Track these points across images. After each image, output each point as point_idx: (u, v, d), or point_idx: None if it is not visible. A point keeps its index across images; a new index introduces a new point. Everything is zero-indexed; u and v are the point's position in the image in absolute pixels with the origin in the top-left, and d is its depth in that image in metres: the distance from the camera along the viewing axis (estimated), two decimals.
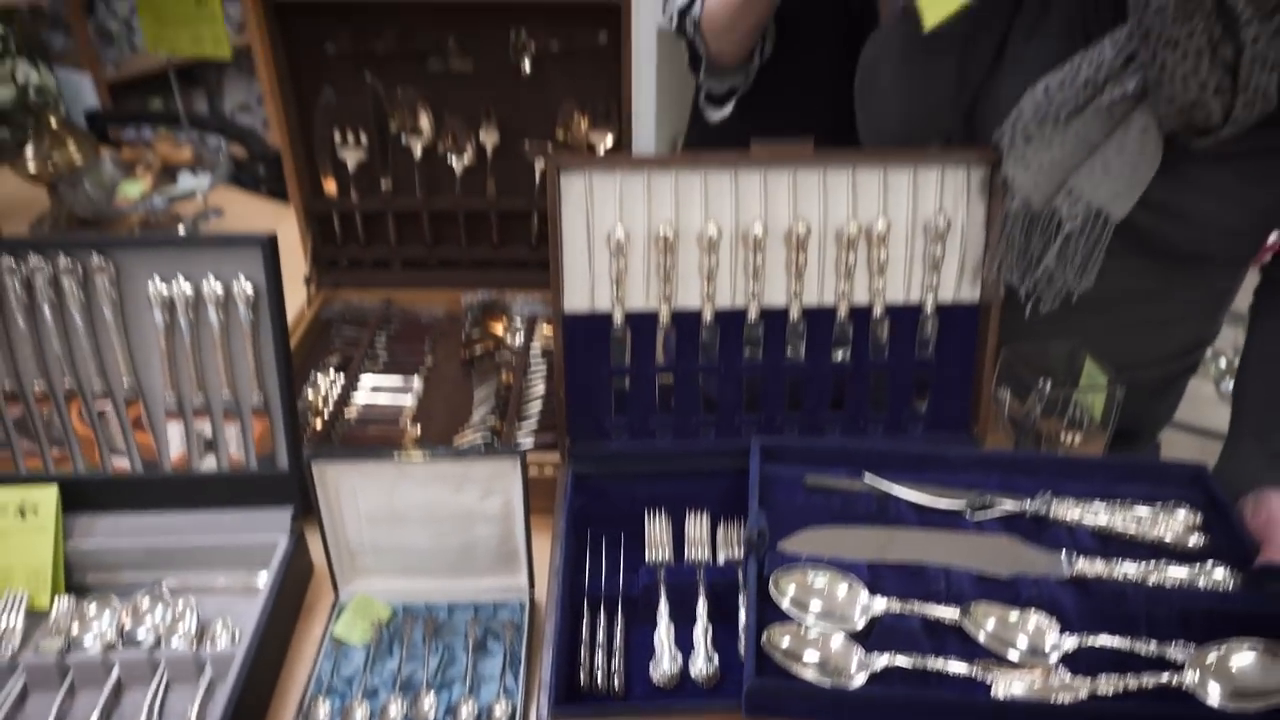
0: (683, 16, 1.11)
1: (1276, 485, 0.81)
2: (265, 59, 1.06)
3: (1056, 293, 0.89)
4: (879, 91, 0.91)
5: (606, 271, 0.86)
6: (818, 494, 0.81)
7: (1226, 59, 0.73)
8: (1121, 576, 0.72)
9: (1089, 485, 0.81)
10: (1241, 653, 0.65)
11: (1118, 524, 0.77)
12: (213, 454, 0.85)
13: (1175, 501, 0.79)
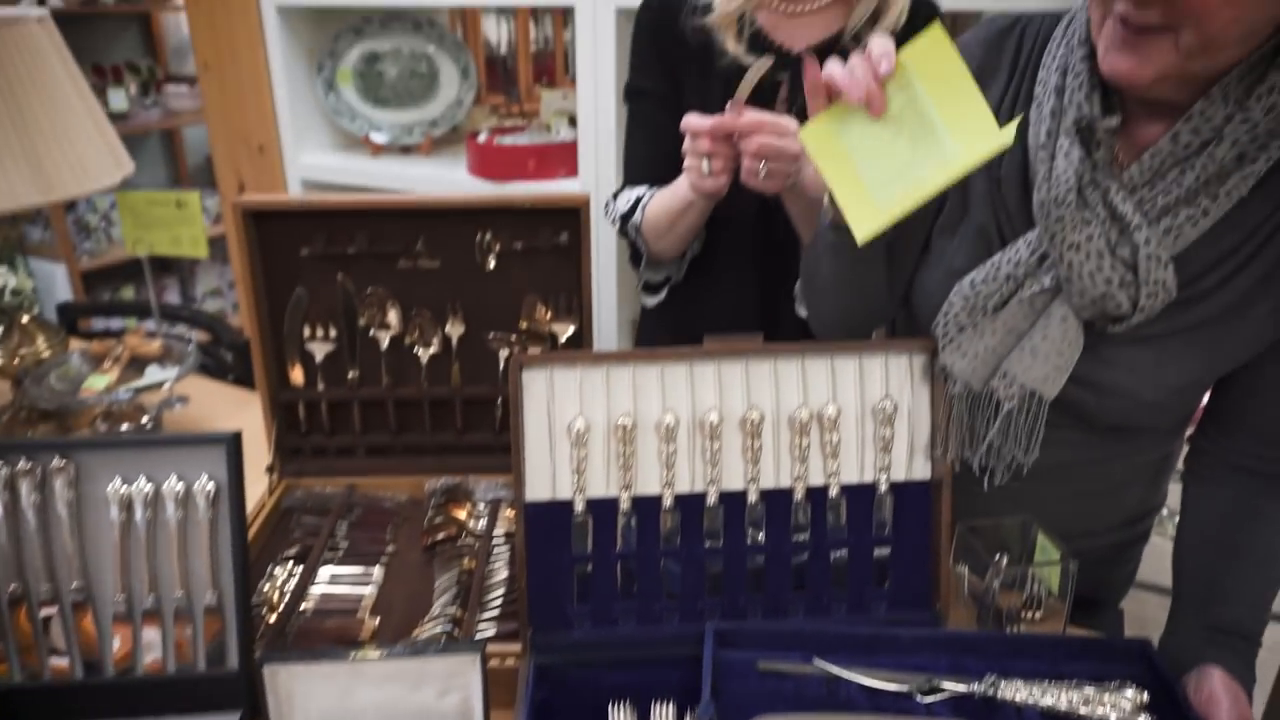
0: (625, 221, 1.23)
1: (1217, 662, 0.83)
2: (242, 262, 1.11)
3: (1007, 466, 0.94)
4: (819, 291, 0.98)
5: (567, 461, 0.88)
6: (771, 678, 0.81)
7: (1126, 259, 0.81)
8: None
9: (1037, 664, 0.82)
10: None
11: (1065, 704, 0.77)
12: (160, 657, 0.82)
13: (1122, 681, 0.80)
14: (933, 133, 0.78)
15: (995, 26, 0.93)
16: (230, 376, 1.78)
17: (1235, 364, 0.89)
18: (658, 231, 1.20)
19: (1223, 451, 0.95)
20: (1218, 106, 0.77)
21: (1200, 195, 0.80)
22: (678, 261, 1.28)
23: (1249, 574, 0.90)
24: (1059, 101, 0.83)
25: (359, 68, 2.35)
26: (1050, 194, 0.83)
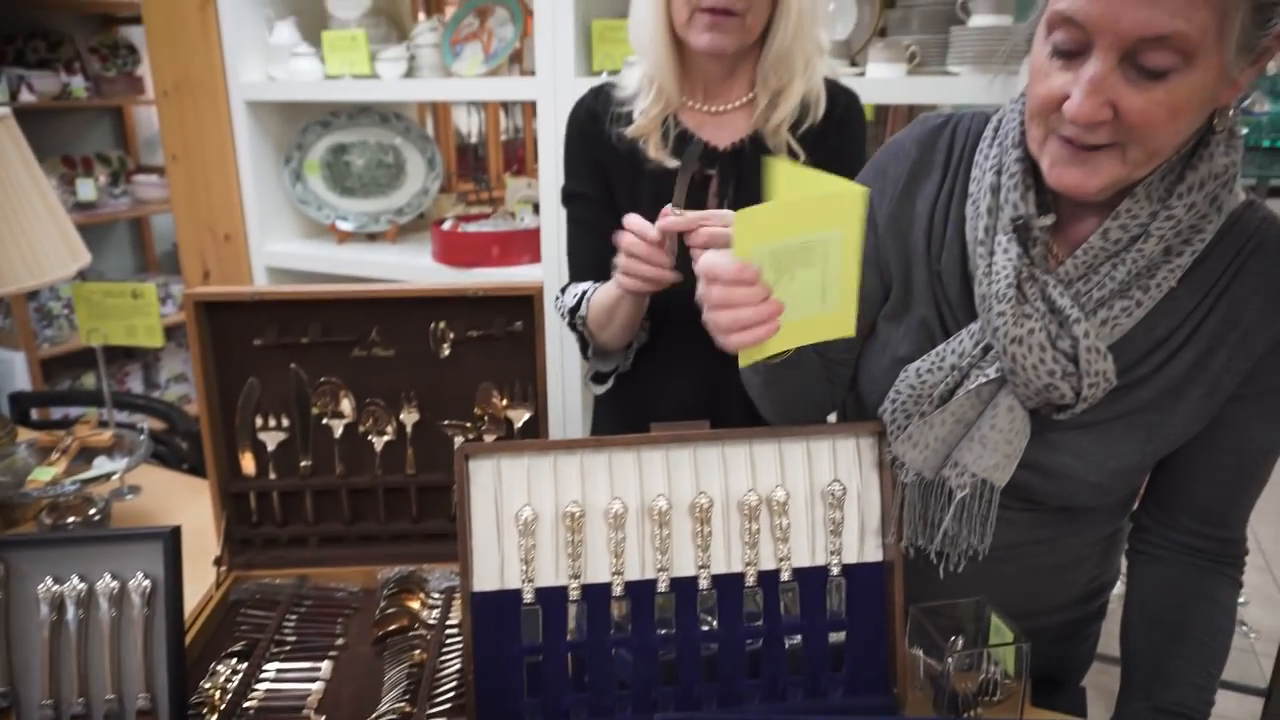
0: (573, 314, 1.27)
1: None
2: (195, 353, 1.11)
3: (962, 552, 0.95)
4: (758, 397, 0.99)
5: (515, 550, 0.87)
6: None
7: (1067, 350, 0.84)
8: None
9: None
10: None
11: None
12: None
13: None
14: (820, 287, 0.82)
15: (928, 125, 0.97)
16: (185, 466, 1.75)
17: (1172, 446, 0.91)
18: (600, 324, 1.23)
19: (1164, 530, 0.96)
20: (1143, 205, 0.81)
21: (1133, 287, 0.83)
22: (624, 351, 1.31)
23: (1193, 654, 0.90)
24: (994, 199, 0.87)
25: (326, 159, 2.40)
26: (991, 289, 0.86)
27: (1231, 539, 0.95)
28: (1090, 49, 0.72)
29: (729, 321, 0.79)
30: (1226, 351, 0.86)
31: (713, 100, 1.26)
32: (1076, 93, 0.73)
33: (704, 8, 1.13)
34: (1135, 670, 0.93)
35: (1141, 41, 0.69)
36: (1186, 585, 0.94)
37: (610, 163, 1.27)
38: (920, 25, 1.80)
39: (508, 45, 2.11)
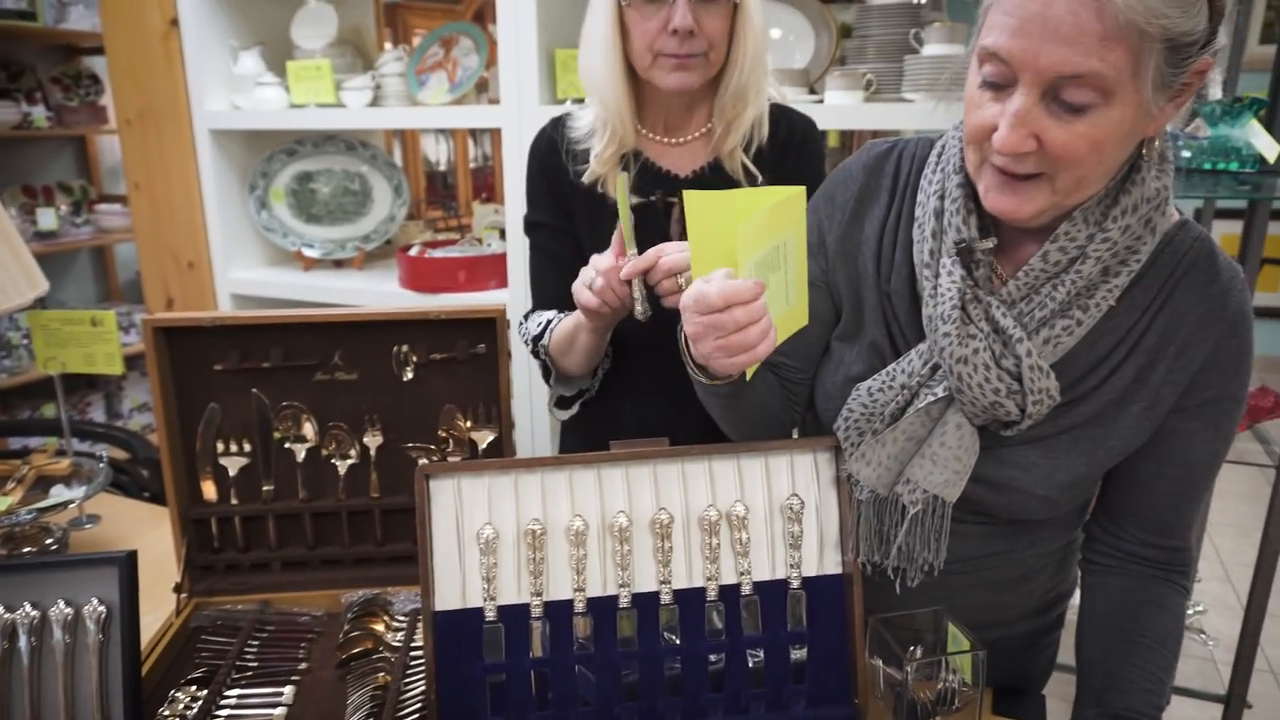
0: (536, 342, 1.28)
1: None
2: (155, 379, 1.11)
3: (918, 567, 0.97)
4: (720, 415, 1.01)
5: (477, 568, 0.87)
6: None
7: (1011, 369, 0.87)
8: None
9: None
10: None
11: None
12: None
13: None
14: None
15: (874, 151, 1.00)
16: (146, 494, 1.73)
17: (1116, 458, 0.94)
18: (563, 351, 1.25)
19: (1114, 540, 0.98)
20: (1080, 228, 0.84)
21: (1073, 307, 0.87)
22: (589, 377, 1.32)
23: (1144, 660, 0.92)
24: (938, 224, 0.90)
25: (292, 186, 2.40)
26: (937, 310, 0.89)
27: (1178, 548, 0.97)
28: (1016, 83, 0.76)
29: (739, 343, 0.80)
30: (1165, 366, 0.89)
31: (673, 133, 1.28)
32: (1003, 125, 0.76)
33: (669, 54, 1.16)
34: (1089, 678, 0.95)
35: (1061, 79, 0.73)
36: (1136, 594, 0.96)
37: (571, 195, 1.29)
38: (876, 54, 1.85)
39: (473, 74, 2.14)
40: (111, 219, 3.37)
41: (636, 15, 1.16)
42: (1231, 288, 0.88)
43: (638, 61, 1.20)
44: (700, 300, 0.79)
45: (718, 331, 0.79)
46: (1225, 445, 0.94)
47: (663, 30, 1.15)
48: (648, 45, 1.17)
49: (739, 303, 0.78)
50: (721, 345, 0.80)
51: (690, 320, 0.81)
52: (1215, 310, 0.88)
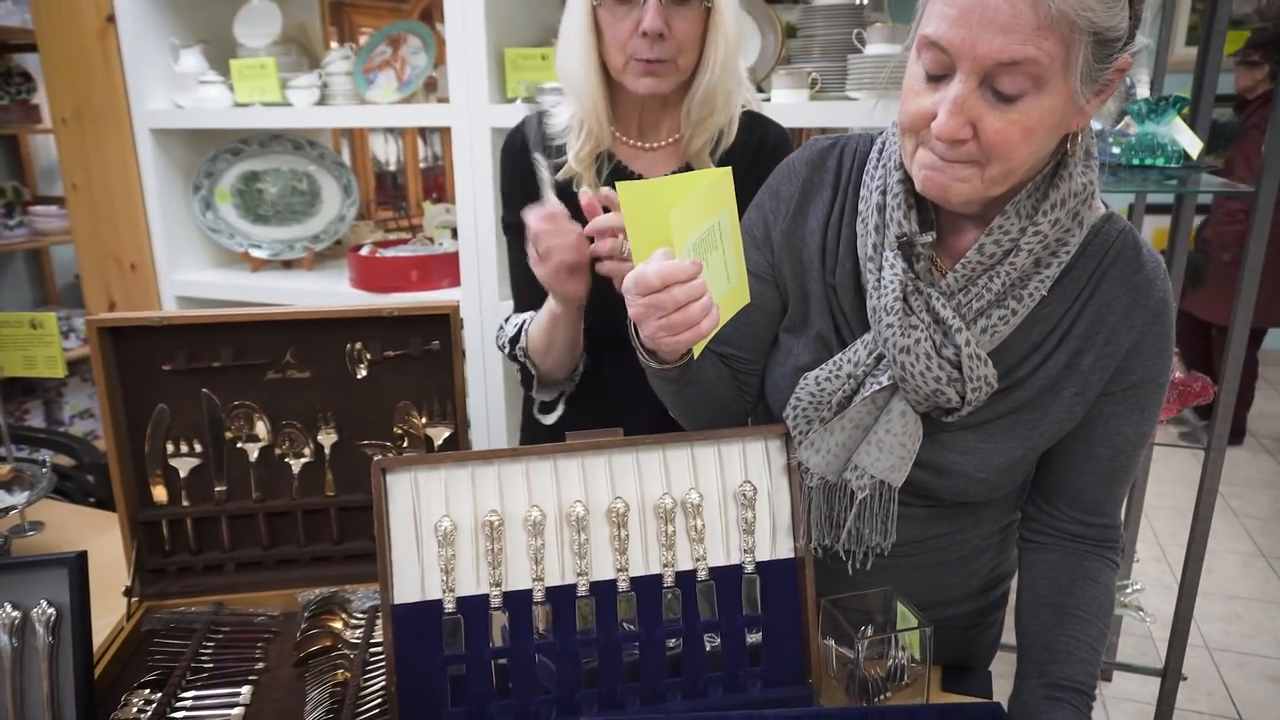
0: (513, 344, 1.28)
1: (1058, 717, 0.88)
2: (101, 380, 1.09)
3: (868, 549, 1.01)
4: (673, 403, 1.02)
5: (435, 560, 0.88)
6: None
7: (950, 358, 0.90)
8: None
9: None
10: None
11: None
12: None
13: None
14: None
15: (817, 147, 1.03)
16: (92, 500, 1.69)
17: (1050, 441, 0.98)
18: (541, 350, 1.24)
19: (1048, 518, 1.03)
20: (1013, 221, 0.88)
21: (1008, 297, 0.91)
22: (568, 379, 1.32)
23: (1080, 632, 0.96)
24: (881, 218, 0.93)
25: (238, 186, 2.36)
26: (880, 302, 0.92)
27: (1108, 525, 1.02)
28: (954, 72, 0.79)
29: (681, 321, 0.82)
30: (1094, 353, 0.94)
31: (646, 137, 1.29)
32: (942, 111, 0.80)
33: (640, 58, 1.16)
34: (1029, 650, 0.99)
35: (998, 65, 0.77)
36: (1071, 569, 1.00)
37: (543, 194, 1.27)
38: (821, 53, 1.89)
39: (421, 73, 2.13)
40: (47, 221, 3.27)
41: (608, 16, 1.17)
42: (1155, 278, 0.93)
43: (611, 62, 1.20)
44: (640, 282, 0.81)
45: (659, 311, 0.82)
46: (1150, 426, 0.98)
47: (634, 32, 1.15)
48: (620, 46, 1.17)
49: (677, 281, 0.81)
50: (664, 324, 0.82)
51: (632, 303, 0.83)
52: (1141, 300, 0.92)
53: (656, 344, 0.86)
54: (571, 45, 1.21)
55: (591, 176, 1.27)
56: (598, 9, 1.17)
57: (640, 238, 0.82)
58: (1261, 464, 3.98)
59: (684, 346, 0.86)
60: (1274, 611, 2.84)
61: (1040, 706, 0.91)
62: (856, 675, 0.94)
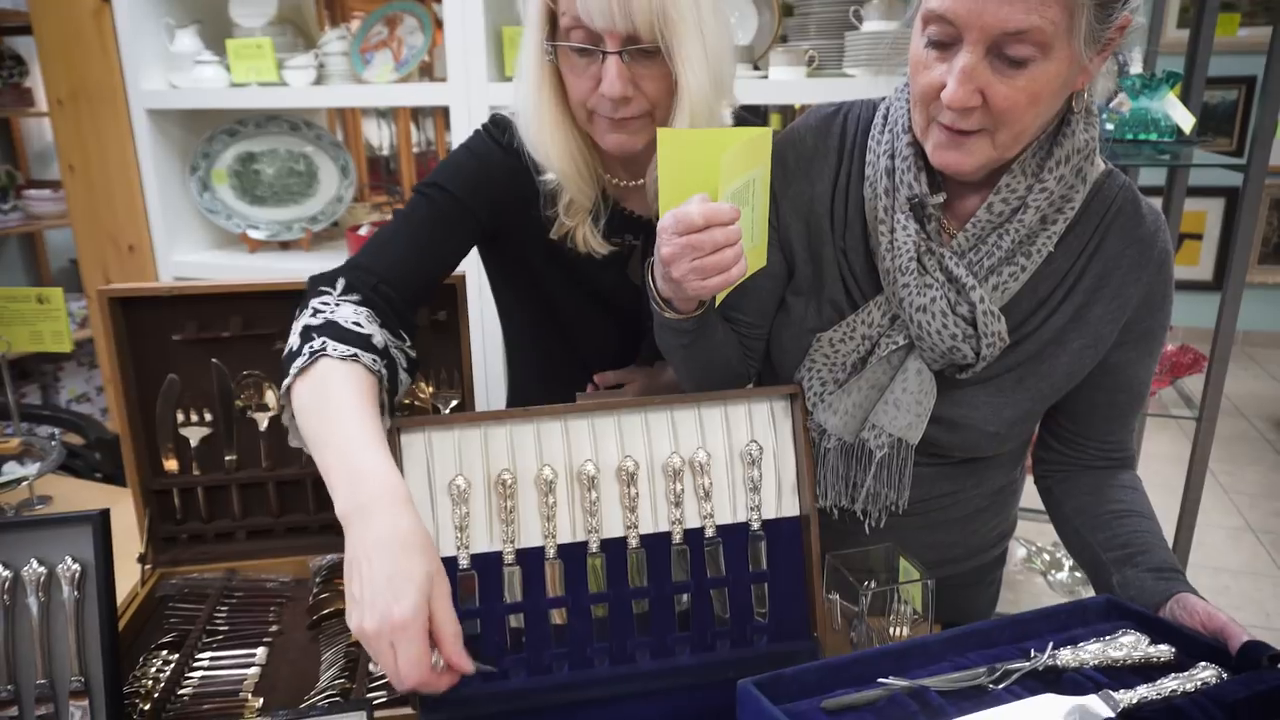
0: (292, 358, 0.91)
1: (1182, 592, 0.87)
2: (110, 351, 1.10)
3: (882, 508, 1.03)
4: (680, 362, 1.04)
5: (450, 518, 0.90)
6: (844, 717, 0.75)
7: (965, 315, 0.93)
8: (1156, 696, 0.74)
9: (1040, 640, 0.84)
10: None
11: (1111, 658, 0.80)
12: None
13: (1120, 630, 0.85)
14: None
15: (821, 113, 1.05)
16: (98, 475, 1.70)
17: (1059, 393, 1.01)
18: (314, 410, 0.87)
19: (1074, 457, 1.07)
20: (1019, 179, 0.91)
21: (1017, 254, 0.93)
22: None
23: (1147, 528, 0.97)
24: (890, 181, 0.95)
25: (234, 167, 2.36)
26: (894, 263, 0.94)
27: (1129, 451, 1.08)
28: (960, 42, 0.81)
29: (714, 264, 0.83)
30: (1102, 305, 0.96)
31: (633, 173, 1.16)
32: (951, 81, 0.82)
33: (604, 115, 1.02)
34: (1105, 554, 0.97)
35: (1004, 35, 0.78)
36: (1108, 483, 1.04)
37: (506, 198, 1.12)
38: (817, 31, 1.90)
39: (418, 53, 2.13)
40: (41, 205, 3.27)
41: (568, 67, 1.02)
42: (1158, 229, 0.96)
43: (578, 115, 1.05)
44: (682, 219, 0.82)
45: (695, 251, 0.82)
46: (1156, 363, 1.03)
47: (595, 89, 1.00)
48: (580, 102, 1.02)
49: (719, 223, 0.82)
50: (697, 266, 0.83)
51: (668, 241, 0.83)
52: (1145, 252, 0.95)
53: (684, 286, 0.86)
54: (533, 107, 1.04)
55: (588, 229, 1.13)
56: (550, 62, 1.02)
57: (672, 185, 0.84)
58: (1250, 441, 4.03)
59: (710, 292, 0.86)
60: (1261, 583, 2.89)
61: (1157, 587, 0.89)
62: (860, 628, 0.96)
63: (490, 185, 1.11)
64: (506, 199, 1.12)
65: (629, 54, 0.97)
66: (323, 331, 0.90)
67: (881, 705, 0.77)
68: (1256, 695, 0.73)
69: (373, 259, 1.02)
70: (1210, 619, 0.83)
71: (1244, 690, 0.74)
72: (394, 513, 0.75)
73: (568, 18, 0.97)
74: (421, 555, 0.73)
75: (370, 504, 0.75)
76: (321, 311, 0.94)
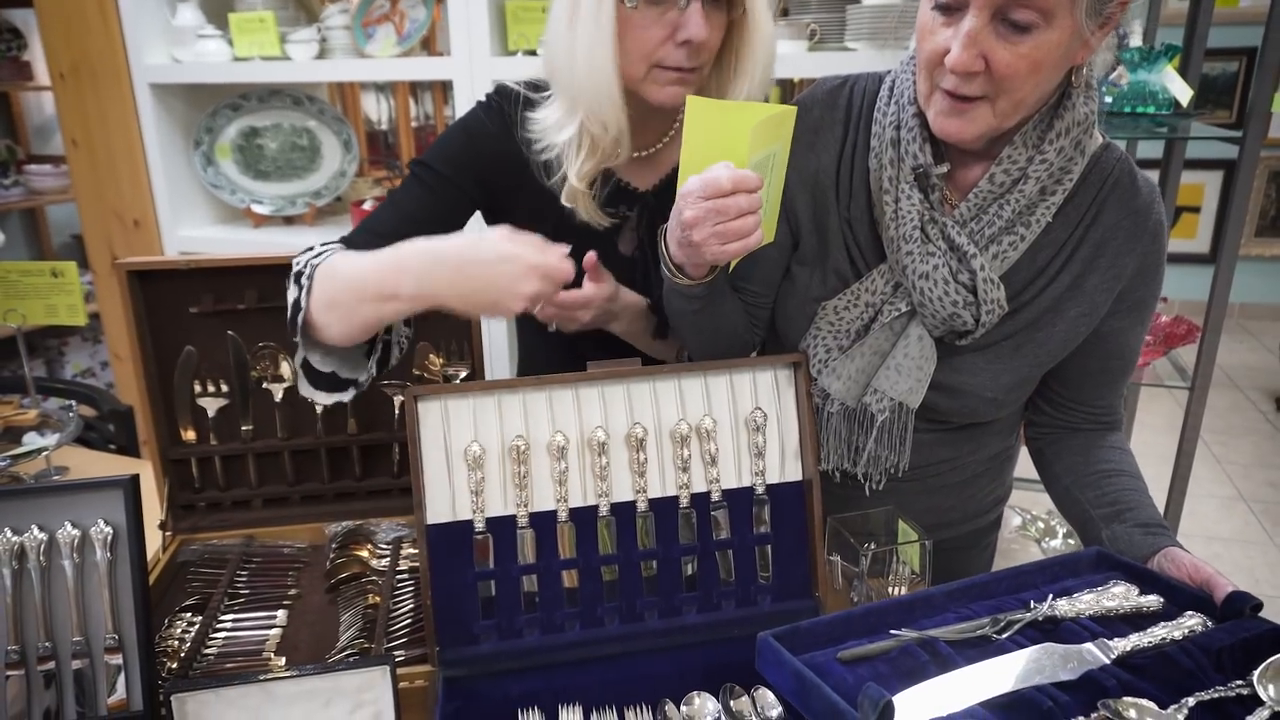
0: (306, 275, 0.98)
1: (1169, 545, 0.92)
2: (128, 323, 1.13)
3: (883, 470, 1.07)
4: (688, 329, 1.07)
5: (465, 483, 0.93)
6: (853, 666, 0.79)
7: (966, 283, 0.96)
8: (1148, 644, 0.79)
9: (1037, 591, 0.88)
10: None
11: (1104, 608, 0.85)
12: (59, 703, 0.81)
13: (1110, 581, 0.89)
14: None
15: (827, 85, 1.07)
16: (112, 447, 1.73)
17: (1054, 360, 1.04)
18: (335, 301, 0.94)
19: (1066, 419, 1.11)
20: (1020, 151, 0.93)
21: (1017, 224, 0.96)
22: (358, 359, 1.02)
23: (1134, 486, 1.02)
24: (895, 152, 0.98)
25: (238, 142, 2.37)
26: (899, 231, 0.97)
27: (1118, 415, 1.12)
28: (967, 7, 0.83)
29: (736, 229, 0.86)
30: (1099, 274, 0.99)
31: (641, 145, 1.16)
32: (956, 45, 0.84)
33: (669, 66, 1.04)
34: (1094, 510, 1.02)
35: (1009, 1, 0.80)
36: (1098, 442, 1.08)
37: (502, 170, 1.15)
38: (819, 4, 1.91)
39: (420, 27, 2.13)
40: (43, 180, 3.27)
41: (638, 20, 1.02)
42: (1153, 201, 0.99)
43: (629, 71, 1.06)
44: (710, 184, 0.84)
45: (719, 216, 0.85)
46: (1147, 330, 1.08)
47: (667, 38, 1.03)
48: (646, 54, 1.04)
49: (745, 190, 0.85)
50: (719, 231, 0.86)
51: (693, 205, 0.86)
52: (1140, 223, 0.98)
53: (703, 251, 0.88)
54: (584, 53, 1.04)
55: (588, 200, 1.14)
56: (630, 10, 1.02)
57: (695, 153, 0.87)
58: (1244, 412, 4.07)
59: (728, 257, 0.89)
60: (1251, 550, 2.94)
61: (1145, 541, 0.94)
62: (861, 588, 1.00)
63: (479, 161, 1.14)
64: (497, 174, 1.15)
65: (706, 1, 1.02)
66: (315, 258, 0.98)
67: (894, 655, 0.81)
68: (1240, 642, 0.78)
69: (366, 234, 1.08)
70: (1197, 571, 0.87)
71: (1229, 638, 0.78)
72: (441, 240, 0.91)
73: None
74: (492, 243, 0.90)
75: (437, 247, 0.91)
76: (320, 254, 1.00)
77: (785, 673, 0.77)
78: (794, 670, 0.76)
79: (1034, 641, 0.81)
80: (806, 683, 0.74)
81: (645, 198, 1.20)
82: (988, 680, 0.76)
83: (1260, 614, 0.82)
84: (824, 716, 0.72)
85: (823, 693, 0.72)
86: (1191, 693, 0.73)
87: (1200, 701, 0.73)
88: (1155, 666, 0.77)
